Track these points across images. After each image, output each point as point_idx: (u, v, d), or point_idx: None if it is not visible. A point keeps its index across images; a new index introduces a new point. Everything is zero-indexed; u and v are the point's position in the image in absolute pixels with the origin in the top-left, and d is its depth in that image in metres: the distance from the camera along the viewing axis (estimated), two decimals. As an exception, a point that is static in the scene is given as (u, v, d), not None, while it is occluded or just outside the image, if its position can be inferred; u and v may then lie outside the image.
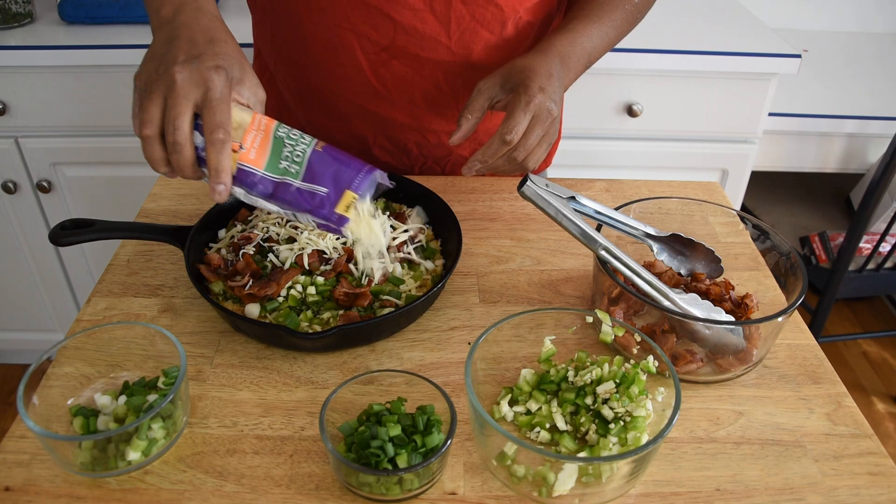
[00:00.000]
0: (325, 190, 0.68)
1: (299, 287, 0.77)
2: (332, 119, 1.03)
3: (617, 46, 0.98)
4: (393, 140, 1.05)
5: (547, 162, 1.20)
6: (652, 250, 0.83)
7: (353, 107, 1.00)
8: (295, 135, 0.70)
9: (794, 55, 1.57)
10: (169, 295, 0.83)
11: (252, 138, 0.68)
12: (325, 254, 0.82)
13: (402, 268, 0.82)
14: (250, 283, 0.77)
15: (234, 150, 0.67)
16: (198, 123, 0.67)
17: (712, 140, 1.71)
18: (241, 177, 0.68)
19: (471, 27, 0.92)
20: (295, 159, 0.68)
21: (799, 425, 0.69)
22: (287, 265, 0.78)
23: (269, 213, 0.86)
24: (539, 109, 0.81)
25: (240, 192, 0.69)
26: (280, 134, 0.69)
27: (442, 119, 1.03)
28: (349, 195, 0.69)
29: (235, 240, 0.83)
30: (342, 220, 0.69)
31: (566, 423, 0.67)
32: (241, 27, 1.59)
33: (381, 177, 0.72)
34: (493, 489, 0.63)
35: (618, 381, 0.67)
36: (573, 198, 0.78)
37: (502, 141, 0.81)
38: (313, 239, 0.81)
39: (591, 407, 0.66)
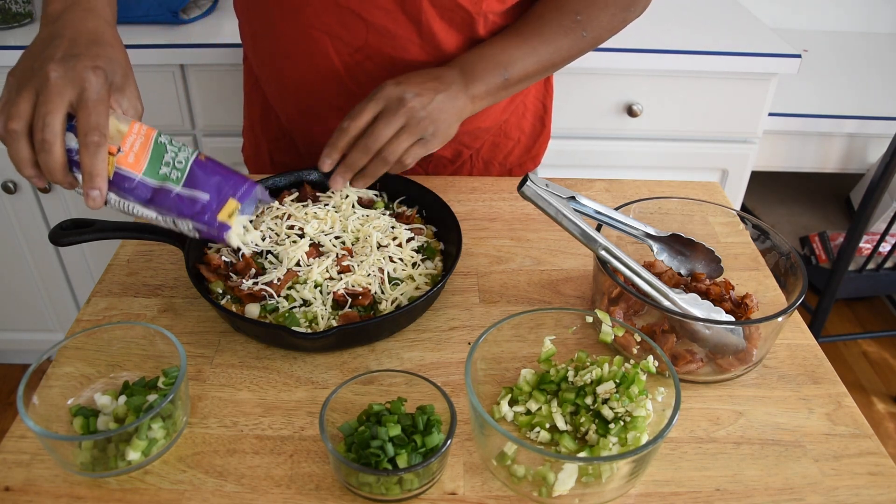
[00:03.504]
0: (206, 196, 0.68)
1: (298, 287, 0.77)
2: (312, 120, 1.04)
3: (617, 46, 0.98)
4: None
5: (535, 162, 1.19)
6: (652, 250, 0.83)
7: (330, 108, 1.00)
8: (177, 143, 0.70)
9: (794, 55, 1.57)
10: (169, 295, 0.83)
11: (131, 142, 0.67)
12: (322, 246, 0.82)
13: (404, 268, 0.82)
14: (252, 281, 0.77)
15: (112, 154, 0.65)
16: (71, 125, 0.64)
17: (712, 140, 1.71)
18: (118, 181, 0.66)
19: (441, 28, 0.92)
20: (176, 166, 0.68)
21: (799, 425, 0.69)
22: (287, 265, 0.78)
23: (267, 214, 0.86)
24: (389, 100, 0.82)
25: (114, 200, 0.67)
26: (161, 141, 0.68)
27: None
28: (232, 203, 0.69)
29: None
30: (223, 227, 0.69)
31: (566, 423, 0.67)
32: (237, 28, 1.59)
33: (261, 193, 0.72)
34: (493, 489, 0.63)
35: (618, 381, 0.67)
36: (573, 198, 0.78)
37: (340, 129, 0.81)
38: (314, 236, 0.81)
39: (591, 407, 0.66)
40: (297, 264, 0.79)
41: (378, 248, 0.82)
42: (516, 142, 1.14)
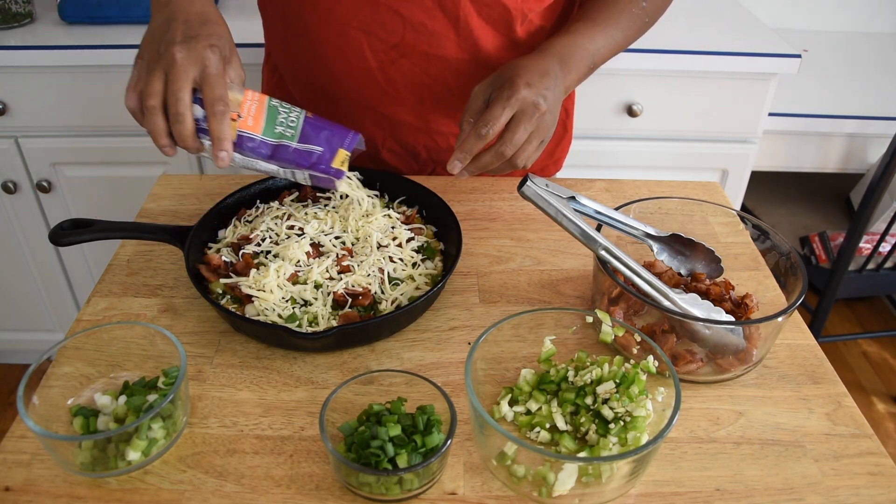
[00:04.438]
0: (320, 149, 0.78)
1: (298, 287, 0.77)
2: (343, 120, 1.03)
3: None
4: (401, 142, 1.05)
5: (557, 166, 1.19)
6: (652, 250, 0.83)
7: (361, 108, 1.00)
8: (286, 105, 0.79)
9: (794, 55, 1.57)
10: (169, 295, 0.83)
11: (248, 108, 0.76)
12: (322, 246, 0.82)
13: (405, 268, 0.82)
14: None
15: (234, 119, 0.74)
16: (196, 98, 0.74)
17: (712, 140, 1.71)
18: (241, 142, 0.76)
19: (478, 25, 0.92)
20: (290, 125, 0.78)
21: (799, 425, 0.69)
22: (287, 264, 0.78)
23: (267, 214, 0.86)
24: (523, 104, 0.80)
25: (238, 158, 0.77)
26: (273, 104, 0.78)
27: (450, 120, 1.03)
28: (342, 153, 0.79)
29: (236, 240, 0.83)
30: (339, 172, 0.80)
31: (566, 423, 0.67)
32: (240, 27, 1.59)
33: (360, 141, 0.82)
34: (493, 489, 0.63)
35: (618, 381, 0.67)
36: (573, 198, 0.78)
37: (477, 135, 0.80)
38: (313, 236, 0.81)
39: (591, 407, 0.66)
40: (298, 264, 0.79)
41: (378, 248, 0.82)
42: None
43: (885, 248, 1.76)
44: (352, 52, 0.94)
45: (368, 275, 0.79)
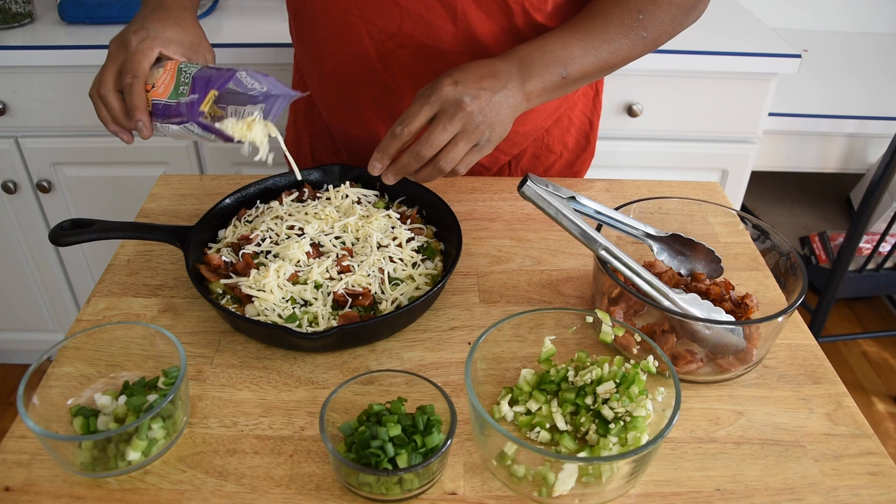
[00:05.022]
0: (195, 96, 0.78)
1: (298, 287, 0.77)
2: (349, 112, 1.04)
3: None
4: None
5: (578, 178, 1.17)
6: (652, 250, 0.83)
7: (365, 99, 1.00)
8: (192, 65, 0.81)
9: (794, 55, 1.56)
10: (169, 295, 0.83)
11: (163, 78, 0.80)
12: (322, 246, 0.82)
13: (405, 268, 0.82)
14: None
15: (147, 91, 0.79)
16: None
17: (712, 140, 1.71)
18: (155, 110, 0.79)
19: (477, 17, 0.91)
20: (184, 82, 0.79)
21: (799, 425, 0.69)
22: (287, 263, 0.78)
23: (267, 213, 0.86)
24: (444, 103, 0.76)
25: (159, 127, 0.80)
26: (182, 67, 0.80)
27: None
28: (211, 94, 0.77)
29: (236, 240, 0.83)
30: (198, 114, 0.77)
31: (566, 423, 0.67)
32: (240, 27, 1.59)
33: (251, 79, 0.78)
34: (493, 489, 0.63)
35: (618, 381, 0.67)
36: (573, 198, 0.78)
37: (391, 133, 0.77)
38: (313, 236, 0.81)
39: (591, 407, 0.66)
40: (298, 264, 0.79)
41: (378, 248, 0.82)
42: (558, 156, 1.13)
43: (885, 248, 1.76)
44: (353, 40, 0.94)
45: (368, 275, 0.79)
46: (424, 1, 0.89)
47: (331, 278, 0.78)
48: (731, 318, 0.75)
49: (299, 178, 0.86)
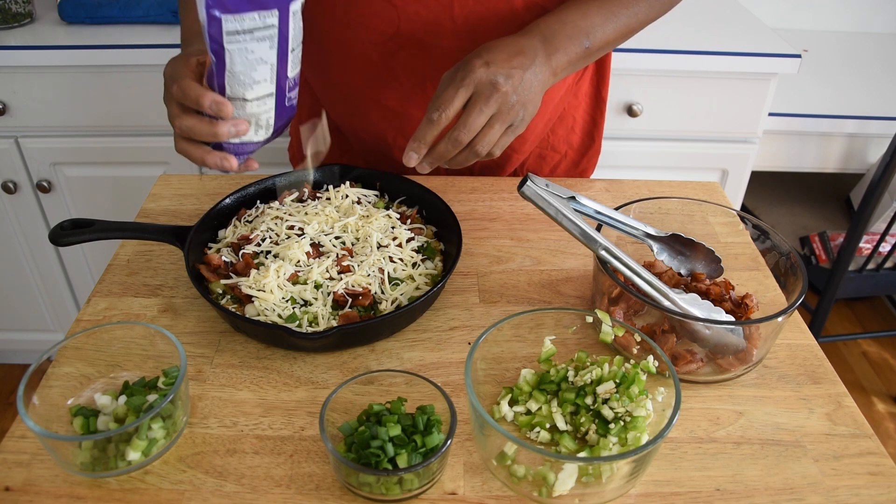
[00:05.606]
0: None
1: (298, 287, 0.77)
2: (356, 117, 1.03)
3: (617, 46, 0.96)
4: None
5: (584, 177, 1.17)
6: (652, 250, 0.83)
7: (370, 103, 1.00)
8: None
9: (794, 55, 1.57)
10: (169, 295, 0.83)
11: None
12: (322, 246, 0.82)
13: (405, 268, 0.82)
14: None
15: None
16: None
17: (712, 140, 1.71)
18: (211, 84, 0.72)
19: (475, 10, 0.90)
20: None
21: (799, 425, 0.69)
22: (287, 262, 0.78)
23: (267, 213, 0.86)
24: (479, 85, 0.75)
25: (230, 93, 0.71)
26: None
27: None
28: None
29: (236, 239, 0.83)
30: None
31: (566, 423, 0.67)
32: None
33: None
34: (493, 489, 0.63)
35: (618, 381, 0.67)
36: (573, 198, 0.78)
37: (428, 120, 0.75)
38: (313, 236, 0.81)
39: (591, 407, 0.66)
40: (298, 264, 0.79)
41: (378, 248, 0.82)
42: (563, 155, 1.13)
43: (885, 248, 1.76)
44: (354, 45, 0.94)
45: (368, 275, 0.79)
46: (420, 0, 0.89)
47: (331, 278, 0.78)
48: (731, 318, 0.75)
49: (311, 178, 0.84)
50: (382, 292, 0.78)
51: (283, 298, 0.76)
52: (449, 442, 0.60)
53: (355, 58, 0.95)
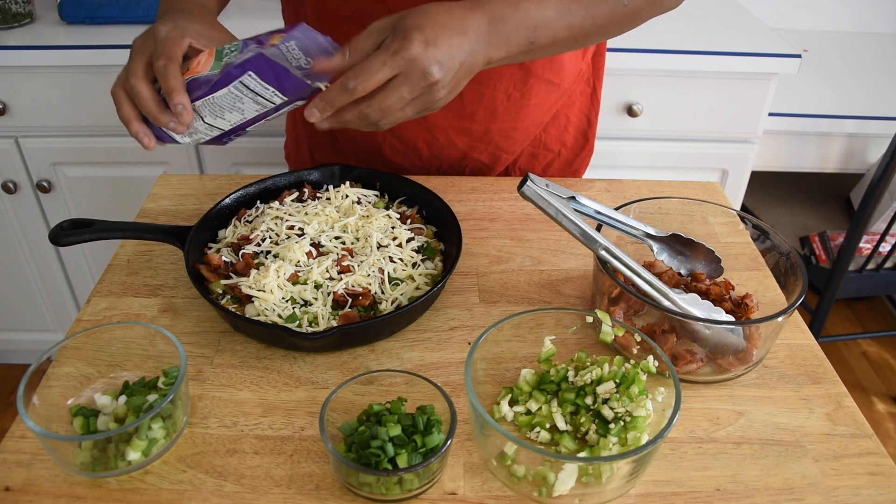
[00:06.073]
0: (253, 52, 0.72)
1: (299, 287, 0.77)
2: None
3: (617, 46, 0.95)
4: (401, 139, 1.04)
5: (576, 176, 1.17)
6: (652, 250, 0.83)
7: None
8: (234, 43, 0.77)
9: (794, 55, 1.57)
10: (169, 295, 0.83)
11: (198, 59, 0.76)
12: (322, 246, 0.82)
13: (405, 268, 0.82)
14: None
15: (184, 74, 0.74)
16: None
17: (712, 140, 1.71)
18: (191, 88, 0.74)
19: None
20: (230, 51, 0.75)
21: (799, 425, 0.69)
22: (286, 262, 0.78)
23: (267, 213, 0.86)
24: (410, 66, 0.68)
25: (198, 107, 0.74)
26: (220, 48, 0.76)
27: (448, 113, 1.01)
28: (277, 35, 0.73)
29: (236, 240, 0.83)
30: (275, 50, 0.71)
31: (566, 423, 0.67)
32: (240, 27, 1.59)
33: (308, 32, 0.74)
34: (493, 489, 0.63)
35: (618, 381, 0.67)
36: (573, 198, 0.78)
37: (343, 87, 0.69)
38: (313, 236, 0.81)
39: (591, 407, 0.66)
40: (298, 264, 0.79)
41: (378, 248, 0.82)
42: (556, 154, 1.13)
43: (885, 248, 1.76)
44: (344, 42, 0.94)
45: (368, 275, 0.79)
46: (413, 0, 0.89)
47: (331, 278, 0.78)
48: (731, 318, 0.75)
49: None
50: (382, 292, 0.78)
51: (283, 298, 0.76)
52: (449, 442, 0.60)
53: None
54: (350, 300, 0.76)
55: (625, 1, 0.82)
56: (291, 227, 0.84)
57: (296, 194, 0.91)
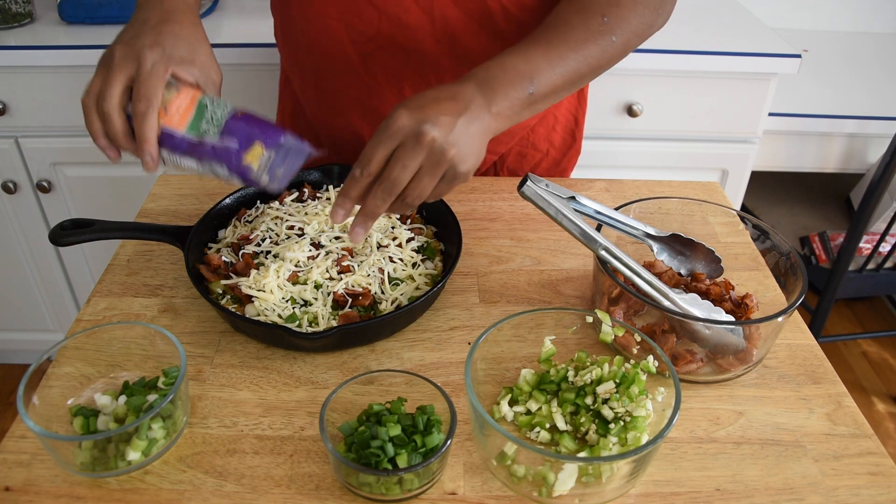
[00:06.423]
0: (235, 144, 0.73)
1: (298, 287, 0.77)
2: (334, 114, 1.03)
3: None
4: None
5: (564, 175, 1.17)
6: (652, 250, 0.83)
7: (348, 100, 1.00)
8: (219, 102, 0.75)
9: (794, 55, 1.56)
10: (169, 295, 0.83)
11: (178, 105, 0.73)
12: (323, 245, 0.82)
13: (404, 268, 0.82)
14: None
15: (161, 117, 0.72)
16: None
17: (712, 140, 1.71)
18: (164, 139, 0.73)
19: (456, 17, 0.90)
20: (214, 122, 0.73)
21: (799, 425, 0.69)
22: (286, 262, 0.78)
23: (267, 213, 0.86)
24: (405, 136, 0.68)
25: (166, 156, 0.74)
26: (204, 102, 0.74)
27: None
28: (258, 147, 0.73)
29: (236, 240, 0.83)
30: (247, 168, 0.73)
31: (566, 423, 0.67)
32: (240, 27, 1.59)
33: (297, 142, 0.74)
34: (493, 489, 0.63)
35: (618, 381, 0.67)
36: (573, 198, 0.78)
37: (350, 178, 0.69)
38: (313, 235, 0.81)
39: (591, 407, 0.66)
40: (298, 264, 0.79)
41: (378, 248, 0.82)
42: (544, 154, 1.13)
43: (885, 248, 1.76)
44: (333, 44, 0.94)
45: (368, 275, 0.79)
46: (401, 4, 0.89)
47: (331, 278, 0.78)
48: (731, 318, 0.75)
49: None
50: (382, 292, 0.78)
51: (283, 298, 0.76)
52: (449, 442, 0.60)
53: (335, 56, 0.95)
54: (350, 300, 0.76)
55: (612, 38, 0.82)
56: (291, 227, 0.84)
57: (295, 194, 0.91)
